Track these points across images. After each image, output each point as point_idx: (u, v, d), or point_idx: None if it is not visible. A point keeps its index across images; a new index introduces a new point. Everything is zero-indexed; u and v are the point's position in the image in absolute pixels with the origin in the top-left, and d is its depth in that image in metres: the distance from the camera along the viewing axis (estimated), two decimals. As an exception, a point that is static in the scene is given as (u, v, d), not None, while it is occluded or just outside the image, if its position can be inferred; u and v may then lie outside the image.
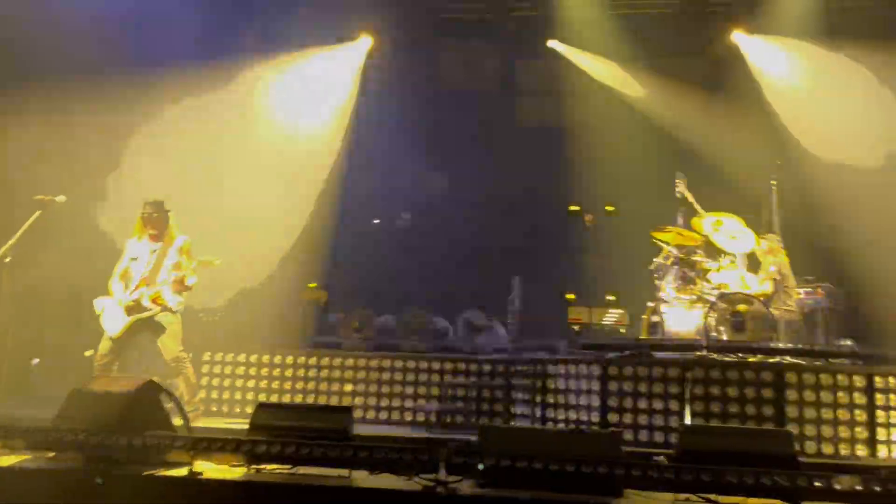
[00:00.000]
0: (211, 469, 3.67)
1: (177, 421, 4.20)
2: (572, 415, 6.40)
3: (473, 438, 4.13)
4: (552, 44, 11.03)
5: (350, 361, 7.27)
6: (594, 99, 10.99)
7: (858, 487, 3.28)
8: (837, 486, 3.36)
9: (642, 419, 6.04)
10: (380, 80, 11.28)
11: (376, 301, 9.76)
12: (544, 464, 3.52)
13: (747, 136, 9.28)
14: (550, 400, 6.56)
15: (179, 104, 8.97)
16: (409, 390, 7.21)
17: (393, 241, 11.78)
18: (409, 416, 7.12)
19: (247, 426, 3.99)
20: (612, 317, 11.27)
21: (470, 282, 10.43)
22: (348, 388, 7.18)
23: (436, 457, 3.64)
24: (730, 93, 10.06)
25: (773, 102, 9.64)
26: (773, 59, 9.90)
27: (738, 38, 10.40)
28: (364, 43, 11.03)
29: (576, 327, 11.89)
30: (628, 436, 6.03)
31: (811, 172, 8.59)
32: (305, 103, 10.73)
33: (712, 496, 3.52)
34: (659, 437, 5.97)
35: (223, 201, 9.00)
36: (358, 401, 7.20)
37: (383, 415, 7.16)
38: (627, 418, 6.11)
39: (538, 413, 6.63)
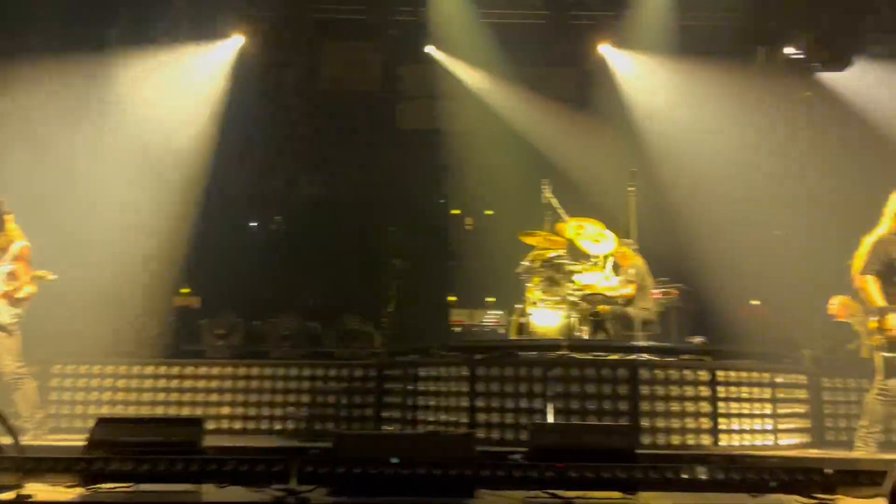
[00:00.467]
0: (44, 491, 3.44)
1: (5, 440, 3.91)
2: (442, 416, 6.49)
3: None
4: (429, 49, 11.13)
5: (215, 370, 7.03)
6: (470, 105, 11.21)
7: (685, 476, 3.52)
8: (670, 476, 3.59)
9: (509, 418, 6.20)
10: (255, 78, 11.00)
11: (251, 306, 9.52)
12: (396, 469, 3.54)
13: (610, 145, 9.75)
14: (421, 403, 6.62)
15: (35, 97, 8.44)
16: (279, 398, 7.07)
17: (268, 245, 11.52)
18: (277, 426, 6.97)
19: (94, 443, 3.78)
20: (491, 318, 11.54)
21: (346, 286, 10.36)
22: (213, 397, 6.94)
23: (288, 467, 3.59)
24: (595, 102, 10.54)
25: (633, 113, 10.18)
26: (634, 71, 10.45)
27: (605, 50, 10.89)
28: (236, 41, 10.71)
29: (457, 329, 12.11)
30: (495, 435, 6.20)
31: (665, 180, 9.15)
32: (175, 101, 10.30)
33: (559, 492, 3.67)
34: (525, 435, 6.14)
35: (81, 201, 8.53)
36: (224, 411, 6.99)
37: (250, 425, 6.97)
38: (495, 418, 6.26)
39: (409, 416, 6.68)
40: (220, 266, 10.76)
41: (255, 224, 12.23)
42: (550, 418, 6.04)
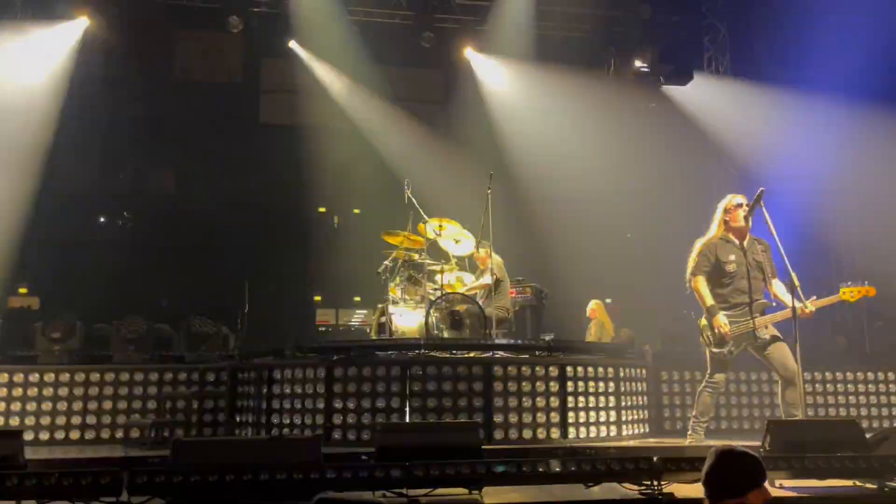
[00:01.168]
0: None
1: None
2: (298, 419, 6.35)
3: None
4: (292, 45, 10.89)
5: (48, 376, 6.50)
6: (334, 102, 11.09)
7: (526, 469, 3.64)
8: (512, 470, 3.70)
9: (366, 419, 6.17)
10: (100, 65, 10.30)
11: (96, 308, 8.90)
12: (237, 475, 3.42)
13: (470, 146, 9.97)
14: (276, 406, 6.45)
15: None
16: (122, 405, 6.65)
17: (116, 243, 10.84)
18: (119, 434, 6.55)
19: None
20: (358, 317, 11.46)
21: (200, 286, 9.93)
22: (46, 406, 6.42)
23: (119, 478, 3.38)
24: (458, 105, 10.74)
25: (493, 116, 10.46)
26: (496, 76, 10.73)
27: (469, 54, 11.12)
28: (81, 24, 9.97)
29: (323, 329, 11.92)
30: (351, 436, 6.15)
31: (522, 182, 9.48)
32: (8, 85, 9.46)
33: (406, 490, 3.69)
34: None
35: None
36: (60, 420, 6.48)
37: (89, 434, 6.51)
38: (351, 419, 6.21)
39: (263, 420, 6.49)
40: (62, 264, 10.03)
41: (103, 220, 11.49)
42: (408, 417, 6.08)
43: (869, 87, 9.28)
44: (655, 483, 3.75)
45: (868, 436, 4.27)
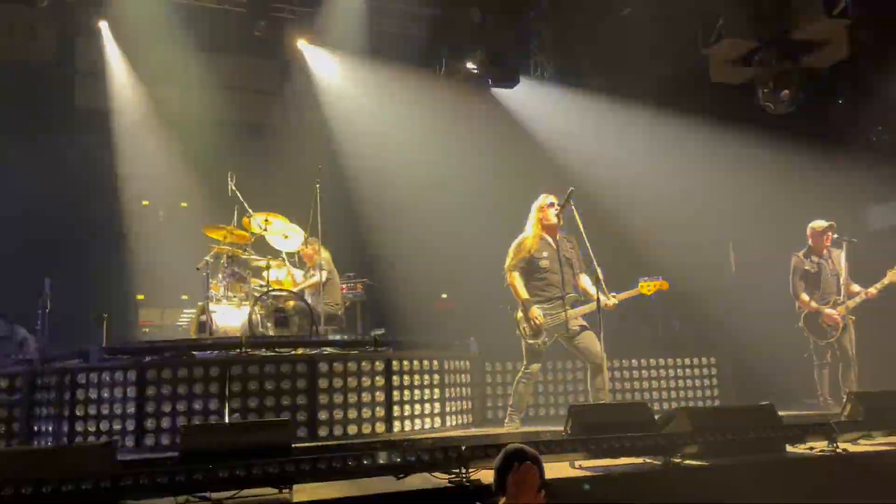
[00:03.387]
0: None
1: None
2: (105, 426, 5.93)
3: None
4: (102, 25, 10.09)
5: None
6: (156, 88, 10.44)
7: (337, 465, 3.62)
8: (322, 466, 3.66)
9: (182, 422, 5.87)
10: None
11: None
12: (15, 488, 3.12)
13: (302, 140, 9.78)
14: (80, 412, 5.98)
15: None
16: None
17: None
18: None
19: None
20: (187, 317, 10.85)
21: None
22: None
23: None
24: (290, 97, 10.49)
25: (325, 109, 10.33)
26: (329, 69, 10.60)
27: (303, 46, 10.88)
28: None
29: (146, 329, 11.17)
30: (165, 441, 5.84)
31: (353, 177, 9.45)
32: None
33: (210, 494, 3.54)
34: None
35: None
36: None
37: None
38: (166, 423, 5.90)
39: (66, 428, 5.99)
40: None
41: None
42: (227, 418, 5.87)
43: (673, 97, 10.15)
44: (464, 471, 3.86)
45: (657, 416, 4.66)
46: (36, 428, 6.18)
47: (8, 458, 3.49)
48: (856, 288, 6.91)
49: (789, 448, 4.60)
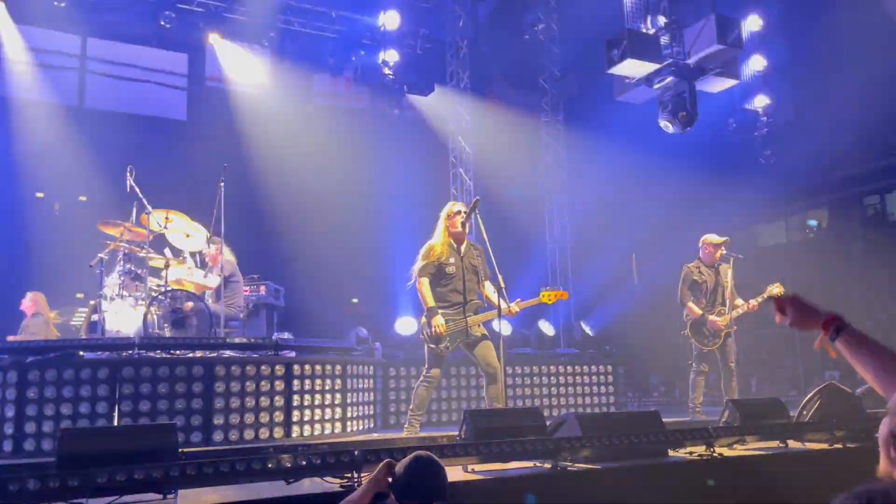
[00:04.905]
0: None
1: None
2: (-23, 431, 5.60)
3: None
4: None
5: None
6: (55, 74, 9.96)
7: (224, 469, 3.54)
8: (209, 471, 3.58)
9: (67, 426, 5.60)
10: None
11: None
12: None
13: (208, 137, 9.53)
14: (-47, 415, 5.61)
15: None
16: None
17: None
18: None
19: None
20: (82, 316, 10.33)
21: None
22: None
23: None
24: (198, 92, 10.22)
25: (235, 107, 10.13)
26: (240, 66, 10.39)
27: (214, 40, 10.63)
28: None
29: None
30: (47, 446, 5.55)
31: (260, 176, 9.29)
32: None
33: (85, 501, 3.39)
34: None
35: None
36: None
37: None
38: (48, 427, 5.61)
39: (-65, 432, 5.60)
40: None
41: None
42: (115, 422, 5.64)
43: (580, 115, 10.51)
44: (356, 475, 3.86)
45: (548, 422, 4.79)
46: None
47: None
48: (739, 302, 7.30)
49: (671, 452, 4.82)
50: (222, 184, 7.07)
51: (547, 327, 9.08)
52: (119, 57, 10.29)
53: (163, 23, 10.17)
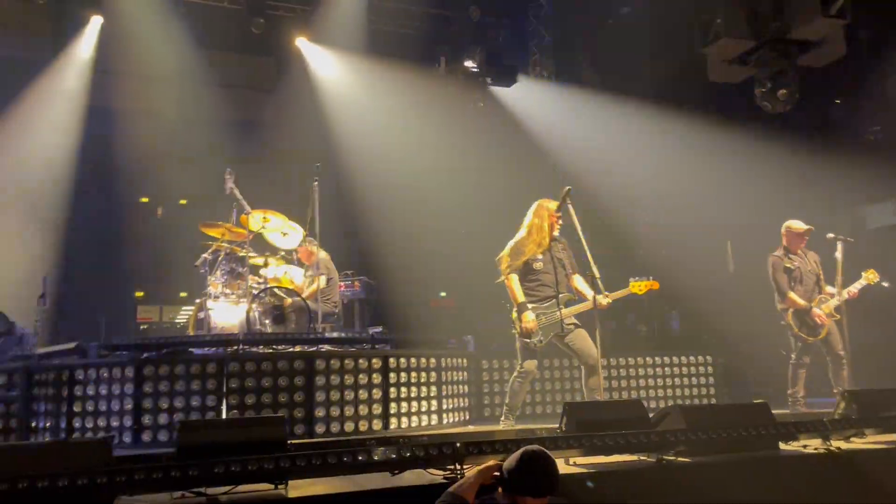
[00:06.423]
0: None
1: None
2: (103, 422, 5.97)
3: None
4: (96, 21, 10.07)
5: None
6: (155, 85, 10.45)
7: (332, 461, 3.63)
8: (317, 462, 3.68)
9: (179, 419, 5.89)
10: None
11: None
12: (10, 484, 3.14)
13: (300, 138, 9.78)
14: (78, 409, 6.01)
15: None
16: None
17: None
18: None
19: None
20: (185, 314, 10.87)
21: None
22: None
23: None
24: (289, 94, 10.50)
25: (323, 107, 10.34)
26: (327, 67, 10.60)
27: (301, 43, 10.90)
28: None
29: (144, 326, 11.18)
30: (163, 437, 5.86)
31: (349, 173, 9.46)
32: None
33: (204, 490, 3.56)
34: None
35: None
36: None
37: None
38: (163, 419, 5.92)
39: (63, 424, 6.01)
40: None
41: None
42: (224, 415, 5.89)
43: (671, 97, 10.17)
44: (459, 467, 3.88)
45: (651, 414, 4.68)
46: (34, 423, 6.20)
47: (4, 454, 3.51)
48: (830, 289, 6.97)
49: (782, 446, 4.61)
50: (316, 183, 7.24)
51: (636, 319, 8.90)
52: (213, 64, 10.68)
53: (254, 29, 10.52)
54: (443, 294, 11.05)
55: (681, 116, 10.16)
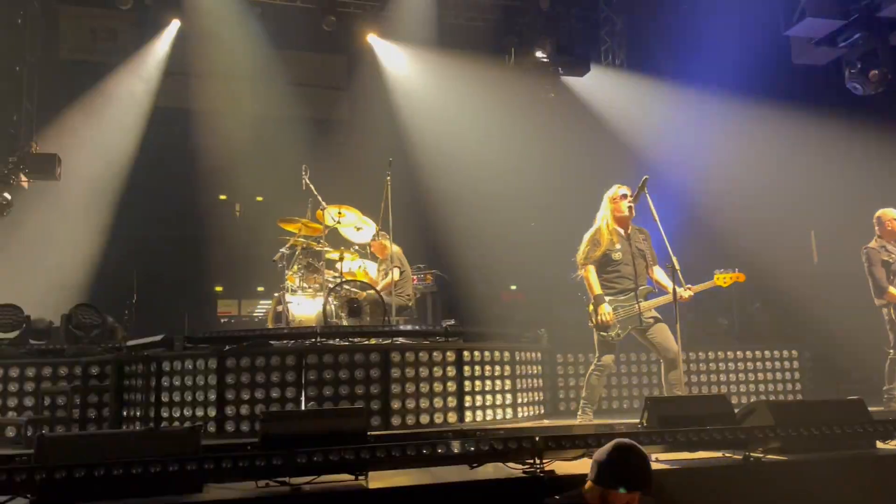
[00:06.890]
0: None
1: None
2: (188, 412, 6.18)
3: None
4: (175, 24, 10.42)
5: None
6: (232, 86, 10.74)
7: (411, 453, 3.65)
8: (396, 454, 3.70)
9: (260, 409, 6.05)
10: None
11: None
12: (107, 470, 3.28)
13: (373, 133, 9.88)
14: (165, 399, 6.24)
15: None
16: (-5, 403, 6.27)
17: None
18: (-8, 434, 6.17)
19: None
20: (263, 307, 11.18)
21: (81, 276, 9.40)
22: None
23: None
24: (361, 91, 10.62)
25: (395, 103, 10.41)
26: (398, 62, 10.67)
27: (372, 40, 11.01)
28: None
29: (224, 320, 11.57)
30: (245, 428, 6.03)
31: (423, 169, 9.49)
32: None
33: (289, 479, 3.63)
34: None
35: None
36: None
37: (-44, 435, 6.11)
38: (245, 410, 6.08)
39: (152, 414, 6.26)
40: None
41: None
42: (303, 406, 6.01)
43: (751, 83, 9.77)
44: (538, 461, 3.84)
45: (736, 410, 4.51)
46: (125, 413, 6.48)
47: (101, 441, 3.66)
48: None
49: (879, 445, 4.38)
50: (389, 178, 7.30)
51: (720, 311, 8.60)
52: (287, 63, 10.91)
53: (325, 27, 10.69)
54: (513, 287, 10.98)
55: (761, 102, 9.76)
